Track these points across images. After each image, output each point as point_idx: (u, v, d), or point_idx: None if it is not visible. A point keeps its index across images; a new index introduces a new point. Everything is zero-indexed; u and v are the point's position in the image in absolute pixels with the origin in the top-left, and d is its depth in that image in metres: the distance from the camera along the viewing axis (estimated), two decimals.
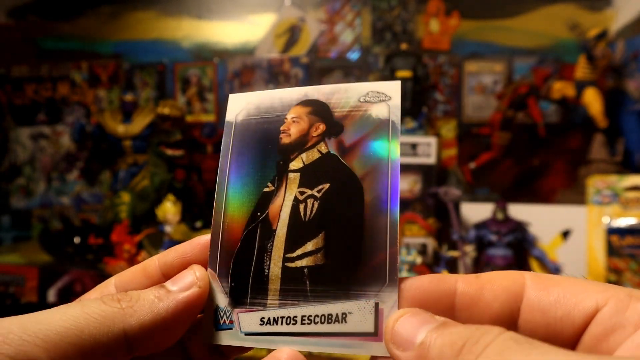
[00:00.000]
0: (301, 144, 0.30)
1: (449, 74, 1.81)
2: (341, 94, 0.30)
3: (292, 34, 1.87)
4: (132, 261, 1.38)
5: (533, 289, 0.26)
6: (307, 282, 0.27)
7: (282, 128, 0.31)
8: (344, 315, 0.25)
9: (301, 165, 0.29)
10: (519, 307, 0.26)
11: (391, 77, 1.63)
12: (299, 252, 0.27)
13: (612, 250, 1.27)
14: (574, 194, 1.51)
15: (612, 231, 1.28)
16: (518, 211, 1.34)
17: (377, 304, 0.25)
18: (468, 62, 1.80)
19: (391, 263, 0.26)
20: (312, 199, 0.28)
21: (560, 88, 1.62)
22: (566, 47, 1.72)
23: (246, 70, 1.90)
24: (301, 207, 0.28)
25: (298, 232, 0.28)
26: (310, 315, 0.26)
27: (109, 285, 0.30)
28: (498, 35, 1.78)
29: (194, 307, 0.28)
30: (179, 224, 1.41)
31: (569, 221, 1.34)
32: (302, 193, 0.29)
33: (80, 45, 2.02)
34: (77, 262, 1.53)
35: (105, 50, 2.00)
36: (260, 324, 0.27)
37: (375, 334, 0.25)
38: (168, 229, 1.39)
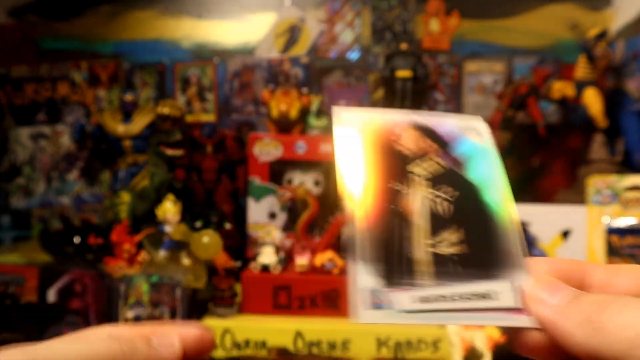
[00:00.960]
0: (419, 156, 0.32)
1: (449, 74, 1.81)
2: (439, 121, 0.34)
3: (292, 33, 1.87)
4: (132, 261, 1.38)
5: None
6: (455, 265, 0.30)
7: (397, 140, 0.33)
8: (489, 294, 0.29)
9: (424, 172, 0.32)
10: None
11: (391, 77, 1.63)
12: (441, 241, 0.30)
13: (612, 250, 1.27)
14: (574, 194, 1.51)
15: (612, 231, 1.28)
16: (518, 211, 1.34)
17: (515, 284, 0.29)
18: (468, 62, 1.80)
19: (522, 250, 0.30)
20: (443, 200, 0.31)
21: (560, 88, 1.62)
22: (566, 47, 1.72)
23: (246, 70, 1.90)
24: (434, 204, 0.31)
25: (437, 224, 0.30)
26: (462, 294, 0.29)
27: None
28: (498, 35, 1.78)
29: None
30: (179, 224, 1.41)
31: (569, 221, 1.34)
32: (432, 194, 0.31)
33: (80, 45, 2.02)
34: (77, 262, 1.53)
35: (105, 50, 2.00)
36: (415, 302, 0.29)
37: (518, 308, 0.28)
38: (168, 229, 1.39)
